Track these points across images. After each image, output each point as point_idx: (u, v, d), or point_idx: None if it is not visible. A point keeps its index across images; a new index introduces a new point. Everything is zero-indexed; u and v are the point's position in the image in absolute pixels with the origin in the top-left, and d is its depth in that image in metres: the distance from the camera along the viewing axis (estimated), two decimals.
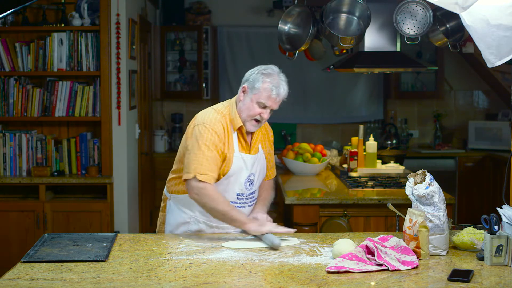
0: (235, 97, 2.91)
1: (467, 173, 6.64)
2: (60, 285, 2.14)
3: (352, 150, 4.60)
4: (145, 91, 6.02)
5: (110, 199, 4.89)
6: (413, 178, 2.54)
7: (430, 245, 2.46)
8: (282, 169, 5.08)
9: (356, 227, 3.86)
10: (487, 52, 2.54)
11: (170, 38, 7.04)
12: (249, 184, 2.88)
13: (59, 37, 4.91)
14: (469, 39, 3.93)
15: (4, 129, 5.01)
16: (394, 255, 2.35)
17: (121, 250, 2.58)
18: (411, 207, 2.53)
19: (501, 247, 2.31)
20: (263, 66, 2.84)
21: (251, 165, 2.86)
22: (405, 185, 2.59)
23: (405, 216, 2.61)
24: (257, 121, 2.84)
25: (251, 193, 2.90)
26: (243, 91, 2.83)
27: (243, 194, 2.87)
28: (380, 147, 5.79)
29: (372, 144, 4.64)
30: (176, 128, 7.00)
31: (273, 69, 2.83)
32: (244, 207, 2.90)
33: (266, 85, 2.77)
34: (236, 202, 2.86)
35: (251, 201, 2.93)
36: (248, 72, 2.85)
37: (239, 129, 2.85)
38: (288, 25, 4.38)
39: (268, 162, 3.02)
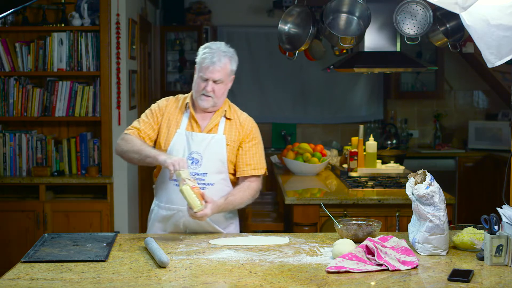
0: None
1: (467, 173, 6.64)
2: (60, 285, 2.14)
3: (352, 150, 4.60)
4: (145, 91, 6.02)
5: (110, 199, 4.89)
6: (414, 178, 2.54)
7: (430, 245, 2.46)
8: (282, 169, 5.09)
9: None
10: (487, 52, 2.54)
11: (170, 38, 7.04)
12: (192, 163, 2.86)
13: (59, 37, 4.91)
14: (469, 39, 3.92)
15: (4, 129, 5.00)
16: (394, 255, 2.35)
17: (121, 250, 2.58)
18: (411, 207, 2.53)
19: (501, 247, 2.31)
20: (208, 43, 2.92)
21: (197, 143, 2.86)
22: (405, 185, 2.59)
23: (336, 219, 2.74)
24: (207, 96, 2.85)
25: (196, 173, 2.84)
26: (195, 71, 2.92)
27: None
28: (380, 147, 5.79)
29: (372, 144, 4.64)
30: None
31: (215, 43, 2.89)
32: None
33: (203, 56, 2.84)
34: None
35: (197, 184, 2.80)
36: None
37: (193, 109, 2.92)
38: (288, 25, 4.38)
39: (244, 158, 2.93)
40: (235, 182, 2.97)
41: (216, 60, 2.80)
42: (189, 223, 2.87)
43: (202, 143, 2.87)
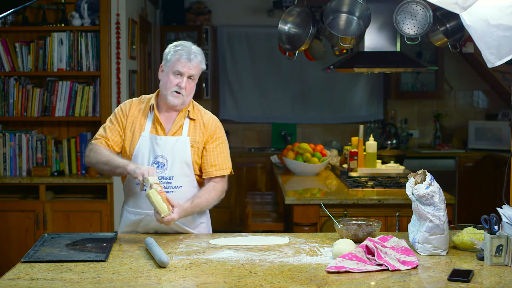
0: None
1: (467, 173, 6.64)
2: (60, 285, 2.14)
3: (352, 150, 4.60)
4: (145, 91, 6.02)
5: (110, 199, 4.89)
6: (414, 178, 2.54)
7: (430, 245, 2.46)
8: (282, 169, 5.09)
9: None
10: (487, 52, 2.54)
11: (170, 38, 7.04)
12: (158, 167, 2.84)
13: (59, 37, 4.91)
14: (469, 39, 3.93)
15: (4, 129, 5.01)
16: (394, 255, 2.35)
17: (121, 250, 2.58)
18: (411, 207, 2.53)
19: (501, 247, 2.31)
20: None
21: (162, 147, 2.84)
22: (405, 185, 2.59)
23: (336, 219, 2.74)
24: (178, 92, 2.84)
25: (163, 177, 2.83)
26: (161, 71, 2.91)
27: None
28: (380, 147, 5.79)
29: (372, 144, 4.64)
30: None
31: (185, 42, 2.90)
32: None
33: (177, 53, 2.84)
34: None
35: (164, 187, 2.81)
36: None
37: (157, 111, 2.89)
38: (288, 25, 4.38)
39: (208, 159, 2.90)
40: (202, 183, 2.95)
41: (193, 57, 2.82)
42: (159, 227, 2.85)
43: (167, 147, 2.85)
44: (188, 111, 2.92)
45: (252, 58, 7.24)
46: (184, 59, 2.81)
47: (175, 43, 2.90)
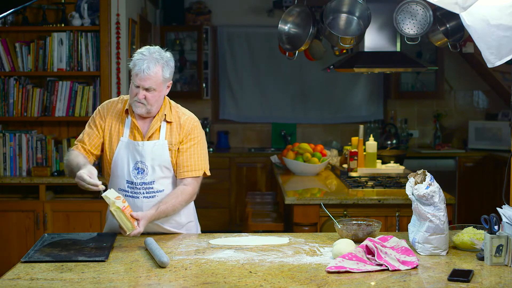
0: None
1: (467, 173, 6.64)
2: (60, 285, 2.14)
3: (352, 150, 4.60)
4: None
5: None
6: (414, 178, 2.54)
7: (430, 245, 2.46)
8: (282, 169, 5.09)
9: None
10: (487, 52, 2.55)
11: (170, 38, 7.05)
12: (138, 173, 2.82)
13: (59, 37, 4.91)
14: (469, 39, 3.93)
15: (4, 129, 5.01)
16: (394, 255, 2.35)
17: (121, 250, 2.58)
18: (411, 207, 2.53)
19: (501, 247, 2.31)
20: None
21: (140, 152, 2.82)
22: (405, 185, 2.59)
23: (336, 219, 2.75)
24: (139, 102, 2.78)
25: (144, 183, 2.82)
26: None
27: (132, 182, 2.82)
28: (380, 147, 5.79)
29: (372, 144, 4.65)
30: None
31: (150, 48, 2.80)
32: (138, 197, 2.83)
33: (134, 63, 2.76)
34: (128, 191, 2.83)
35: (146, 192, 2.83)
36: None
37: (133, 116, 2.85)
38: (288, 25, 4.38)
39: (181, 159, 2.86)
40: None
41: (145, 68, 2.72)
42: (145, 228, 2.77)
43: (145, 152, 2.82)
44: (165, 114, 2.86)
45: (252, 58, 7.24)
46: (137, 70, 2.74)
47: (142, 49, 2.81)
